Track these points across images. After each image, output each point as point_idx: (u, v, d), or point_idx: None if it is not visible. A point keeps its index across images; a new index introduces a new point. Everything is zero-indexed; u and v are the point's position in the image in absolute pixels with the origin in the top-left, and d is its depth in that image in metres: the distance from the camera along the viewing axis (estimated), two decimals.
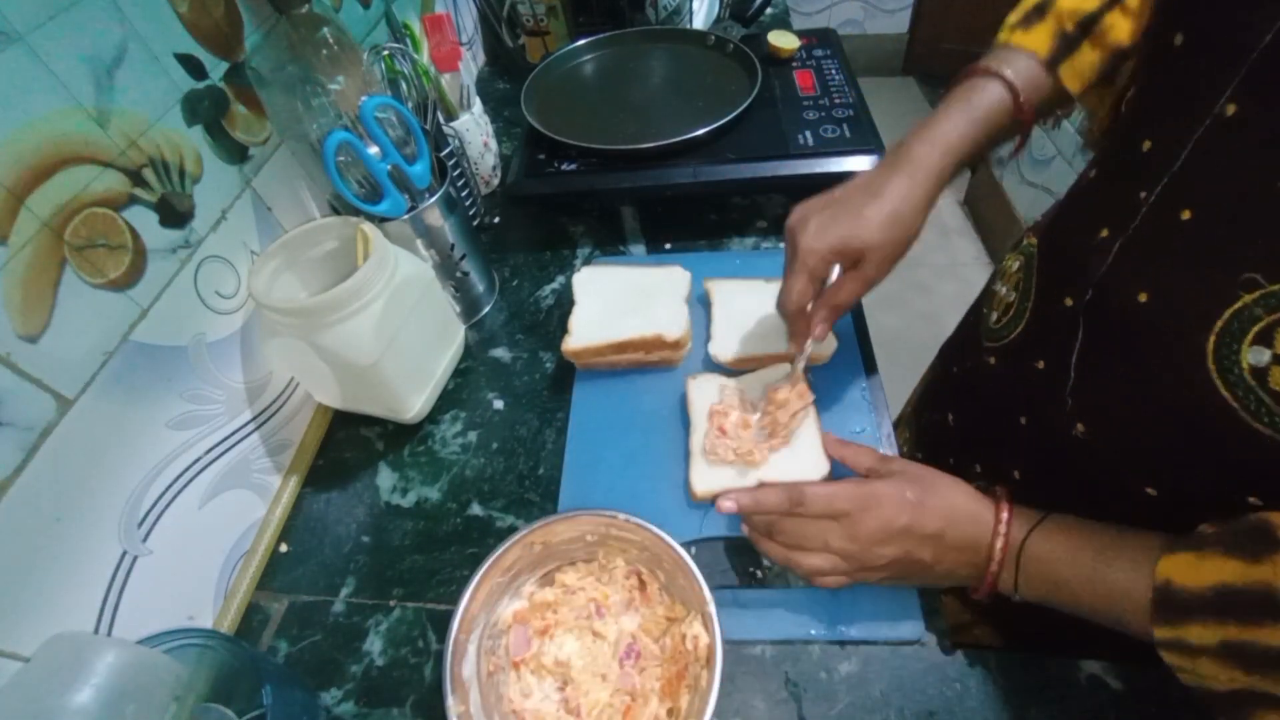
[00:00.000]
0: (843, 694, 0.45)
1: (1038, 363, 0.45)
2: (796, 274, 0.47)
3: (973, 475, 0.54)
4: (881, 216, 0.45)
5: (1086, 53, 0.46)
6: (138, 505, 0.46)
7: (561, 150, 0.75)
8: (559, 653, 0.46)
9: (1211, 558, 0.33)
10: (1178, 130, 0.34)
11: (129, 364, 0.45)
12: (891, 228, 0.45)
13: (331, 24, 0.56)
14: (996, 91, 0.47)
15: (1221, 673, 0.32)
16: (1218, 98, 0.32)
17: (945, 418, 0.60)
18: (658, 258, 0.76)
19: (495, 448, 0.62)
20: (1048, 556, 0.40)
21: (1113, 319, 0.39)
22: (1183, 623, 0.33)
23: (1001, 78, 0.47)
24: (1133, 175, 0.38)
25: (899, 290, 1.98)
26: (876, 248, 0.45)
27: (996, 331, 0.51)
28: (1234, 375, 0.32)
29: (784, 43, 0.85)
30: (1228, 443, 0.34)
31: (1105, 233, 0.39)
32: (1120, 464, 0.40)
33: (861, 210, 0.45)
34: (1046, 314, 0.45)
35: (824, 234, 0.46)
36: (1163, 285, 0.35)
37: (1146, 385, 0.37)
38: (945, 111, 0.48)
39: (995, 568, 0.41)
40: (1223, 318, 0.32)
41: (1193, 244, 0.34)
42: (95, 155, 0.43)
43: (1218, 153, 0.33)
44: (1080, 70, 0.47)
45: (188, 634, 0.41)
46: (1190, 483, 0.37)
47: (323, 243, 0.58)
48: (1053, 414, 0.44)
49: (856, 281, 0.47)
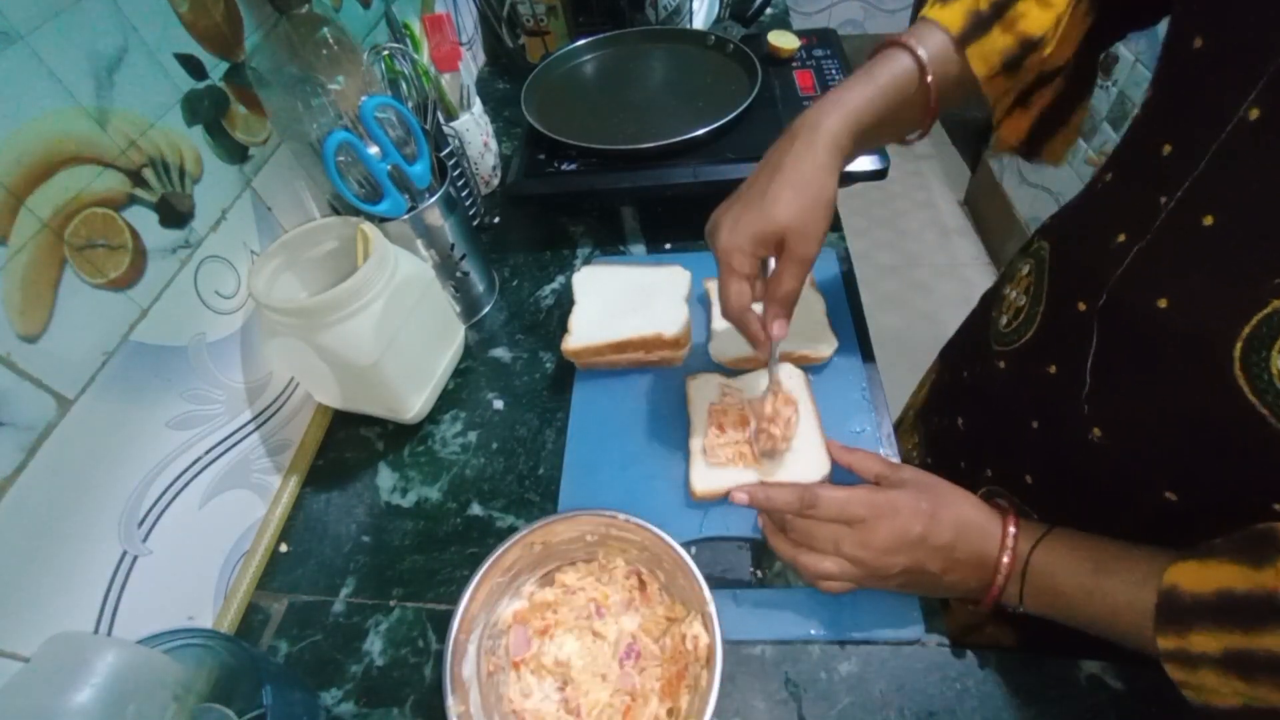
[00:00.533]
0: (843, 694, 0.45)
1: (1049, 367, 0.45)
2: (726, 277, 0.45)
3: (984, 480, 0.54)
4: (787, 192, 0.43)
5: (996, 36, 0.45)
6: (138, 505, 0.46)
7: (561, 150, 0.75)
8: (559, 653, 0.46)
9: (1216, 564, 0.33)
10: (1199, 134, 0.34)
11: (129, 364, 0.45)
12: (805, 204, 0.43)
13: (331, 24, 0.56)
14: (904, 62, 0.46)
15: (1224, 685, 0.32)
16: (1241, 102, 0.31)
17: (955, 422, 0.59)
18: (658, 257, 0.76)
19: (495, 448, 0.62)
20: (1052, 570, 0.40)
21: (1130, 325, 0.38)
22: (1186, 630, 0.33)
23: (910, 50, 0.46)
24: (1152, 179, 0.37)
25: (899, 290, 1.98)
26: (794, 225, 0.43)
27: (1006, 335, 0.51)
28: (1263, 382, 0.31)
29: (784, 43, 0.85)
30: (1253, 448, 0.33)
31: (1123, 238, 0.39)
32: (1139, 469, 0.40)
33: (766, 191, 0.44)
34: (1059, 319, 0.45)
35: (738, 228, 0.44)
36: (1184, 291, 0.35)
37: (1168, 390, 0.37)
38: (854, 81, 0.47)
39: (1001, 580, 0.42)
40: (1250, 323, 0.31)
41: (1216, 250, 0.33)
42: (95, 155, 0.43)
43: (1241, 158, 0.32)
44: (987, 54, 0.45)
45: (188, 634, 0.41)
46: (1212, 488, 0.37)
47: (323, 243, 0.58)
48: (1066, 419, 0.44)
49: (792, 266, 0.45)
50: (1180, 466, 0.38)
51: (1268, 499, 0.34)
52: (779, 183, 0.44)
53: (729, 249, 0.44)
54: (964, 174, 2.25)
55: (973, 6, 0.46)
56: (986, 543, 0.42)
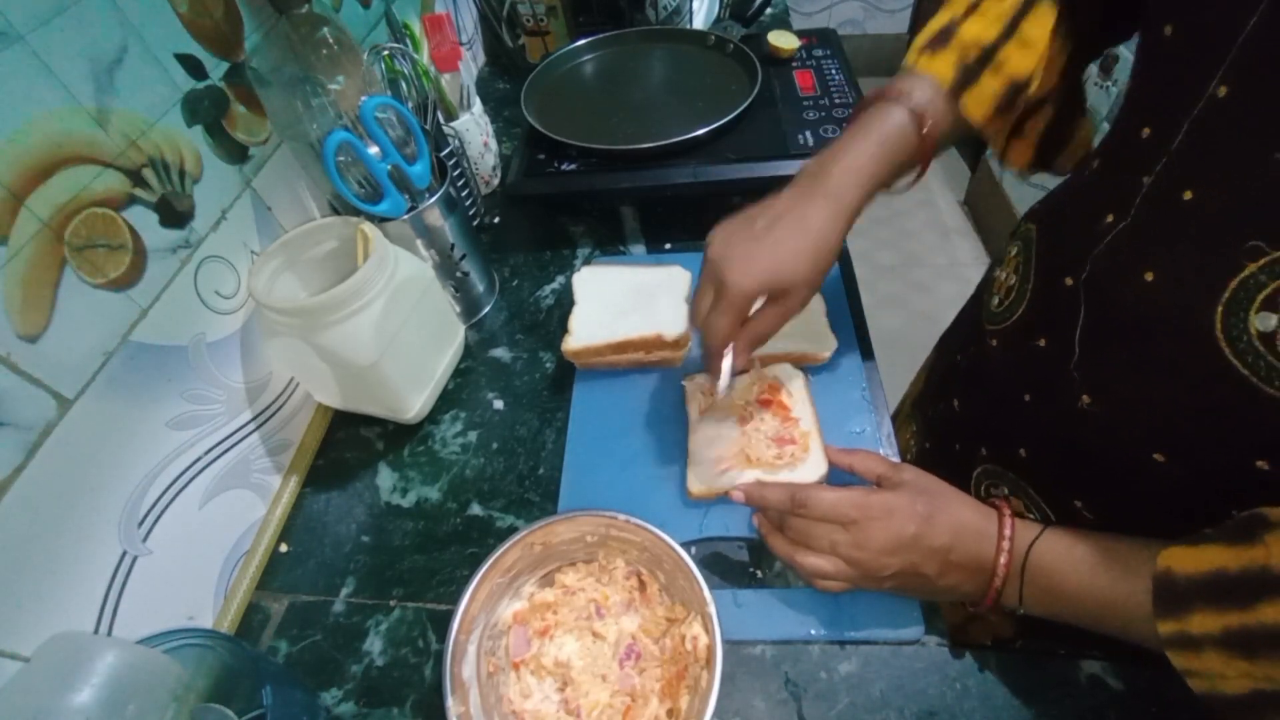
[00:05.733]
0: (843, 694, 0.45)
1: (1039, 340, 0.46)
2: (723, 312, 0.46)
3: (979, 459, 0.54)
4: (809, 252, 0.45)
5: (987, 82, 0.47)
6: (138, 505, 0.46)
7: (561, 150, 0.75)
8: (559, 653, 0.46)
9: (1208, 547, 0.34)
10: (1175, 115, 0.35)
11: (129, 364, 0.45)
12: (818, 263, 0.45)
13: (331, 24, 0.56)
14: (901, 119, 0.47)
15: (1229, 668, 0.32)
16: (1210, 80, 0.33)
17: (951, 405, 0.60)
18: (658, 257, 0.76)
19: (495, 448, 0.62)
20: (1049, 570, 0.41)
21: (1117, 297, 0.39)
22: (1184, 613, 0.34)
23: (908, 105, 0.47)
24: (1134, 163, 0.38)
25: (899, 290, 1.98)
26: (804, 285, 0.45)
27: (998, 314, 0.52)
28: (1243, 343, 0.33)
29: (784, 43, 0.85)
30: (1237, 408, 0.34)
31: (1110, 218, 0.40)
32: (1128, 433, 0.41)
33: (789, 244, 0.45)
34: (1047, 294, 0.46)
35: (751, 270, 0.45)
36: (1168, 263, 0.36)
37: (1154, 356, 0.38)
38: (858, 138, 0.48)
39: (999, 583, 0.42)
40: (1229, 288, 0.33)
41: (1196, 222, 0.35)
42: (95, 155, 0.43)
43: (1214, 132, 0.34)
44: (981, 100, 0.47)
45: (188, 634, 0.41)
46: (1199, 448, 0.38)
47: (323, 243, 0.58)
48: (1057, 389, 0.44)
49: (779, 313, 0.47)
50: (1167, 428, 0.38)
51: (1250, 456, 0.35)
52: (804, 241, 0.45)
53: (738, 288, 0.45)
54: (964, 174, 2.25)
55: (960, 58, 0.47)
56: (983, 545, 0.42)
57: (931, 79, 0.47)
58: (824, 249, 0.45)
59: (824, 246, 0.45)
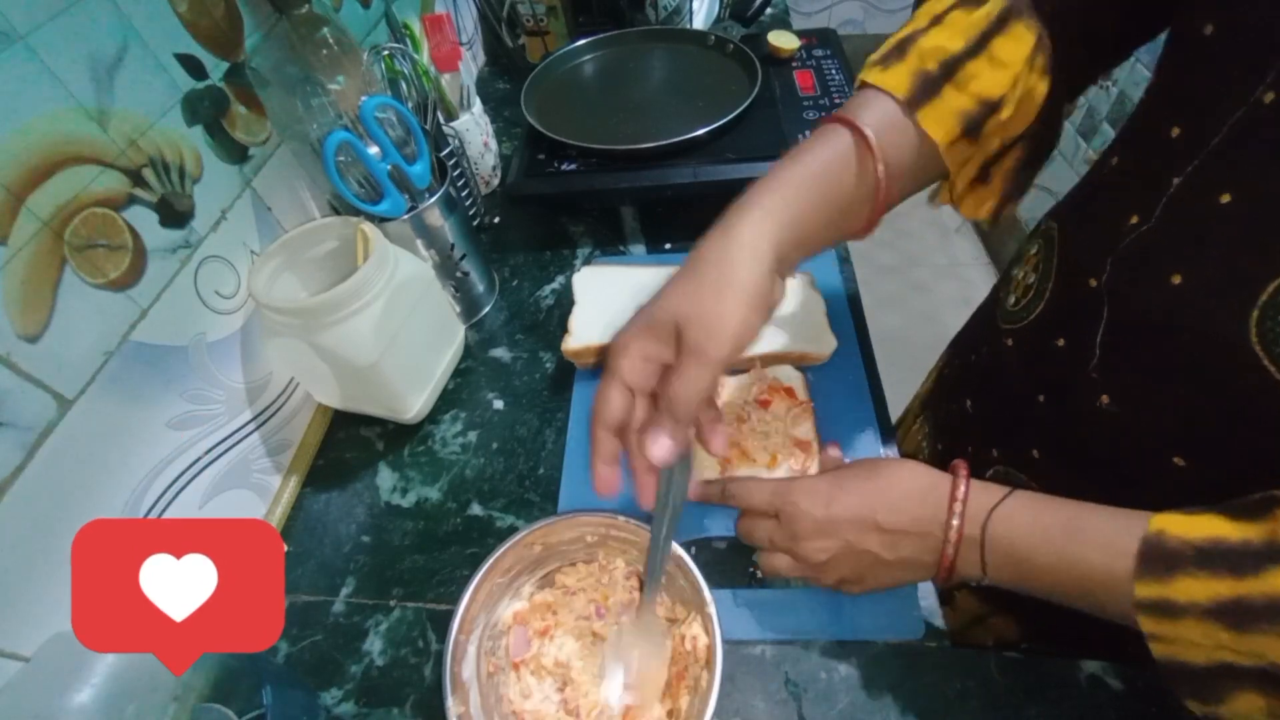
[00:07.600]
0: (843, 694, 0.45)
1: (1058, 340, 0.45)
2: (603, 383, 0.38)
3: (991, 460, 0.54)
4: (687, 277, 0.39)
5: (951, 96, 0.40)
6: (138, 505, 0.46)
7: (561, 150, 0.75)
8: (559, 654, 0.46)
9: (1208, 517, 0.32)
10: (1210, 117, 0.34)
11: (129, 364, 0.45)
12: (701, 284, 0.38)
13: (331, 24, 0.56)
14: (843, 141, 0.40)
15: (1205, 638, 0.31)
16: (1256, 86, 0.32)
17: (963, 405, 0.59)
18: (658, 258, 0.76)
19: (495, 448, 0.62)
20: (1014, 535, 0.37)
21: (1142, 300, 0.38)
22: (1170, 576, 0.32)
23: (851, 124, 0.40)
24: (1160, 161, 0.37)
25: (899, 290, 1.98)
26: (691, 312, 0.37)
27: (1015, 313, 0.51)
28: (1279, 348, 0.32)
29: (784, 43, 0.85)
30: (1267, 413, 0.34)
31: (1135, 219, 0.39)
32: (1147, 435, 0.40)
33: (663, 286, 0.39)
34: (1068, 294, 0.45)
35: (628, 324, 0.39)
36: (1200, 266, 0.35)
37: (1179, 360, 0.37)
38: (777, 169, 0.42)
39: (951, 550, 0.39)
40: (1267, 291, 0.32)
41: (1234, 226, 0.34)
42: (95, 155, 0.43)
43: (1259, 138, 0.33)
44: (943, 116, 0.40)
45: None
46: (1222, 453, 0.37)
47: (323, 243, 0.58)
48: (1074, 389, 0.43)
49: (689, 362, 0.36)
50: (1189, 432, 0.38)
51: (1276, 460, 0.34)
52: (678, 273, 0.39)
53: (614, 347, 0.38)
54: None
55: (918, 67, 0.40)
56: (926, 510, 0.39)
57: (884, 92, 0.41)
58: (714, 270, 0.38)
59: (714, 265, 0.38)
